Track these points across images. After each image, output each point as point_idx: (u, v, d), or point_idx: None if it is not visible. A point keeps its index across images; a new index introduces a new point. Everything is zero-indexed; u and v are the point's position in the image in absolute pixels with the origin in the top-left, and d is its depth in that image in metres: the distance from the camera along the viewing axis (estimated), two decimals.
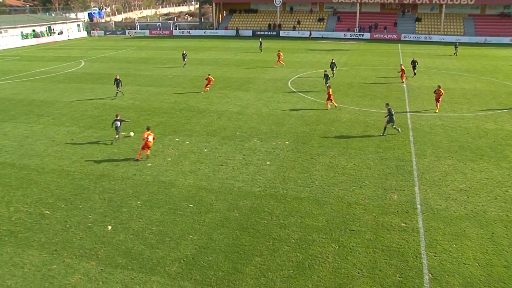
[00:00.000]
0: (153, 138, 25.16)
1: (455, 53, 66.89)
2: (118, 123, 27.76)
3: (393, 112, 28.98)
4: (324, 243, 17.00)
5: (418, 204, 20.14)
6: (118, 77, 40.09)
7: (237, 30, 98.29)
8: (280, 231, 17.81)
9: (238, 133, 29.68)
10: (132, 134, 28.89)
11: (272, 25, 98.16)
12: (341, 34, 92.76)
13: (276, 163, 24.61)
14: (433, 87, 43.17)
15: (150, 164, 24.56)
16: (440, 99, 34.43)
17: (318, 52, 70.39)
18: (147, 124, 30.03)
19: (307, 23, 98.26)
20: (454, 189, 21.71)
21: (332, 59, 50.37)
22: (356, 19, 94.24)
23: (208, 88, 41.77)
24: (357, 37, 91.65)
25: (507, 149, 27.14)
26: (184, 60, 56.44)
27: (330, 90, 35.28)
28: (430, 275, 15.23)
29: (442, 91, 34.41)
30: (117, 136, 28.14)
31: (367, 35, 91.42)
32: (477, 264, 15.90)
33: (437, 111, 34.66)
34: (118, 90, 40.04)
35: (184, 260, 15.95)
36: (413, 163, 24.70)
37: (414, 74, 48.63)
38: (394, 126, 29.36)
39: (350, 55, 67.01)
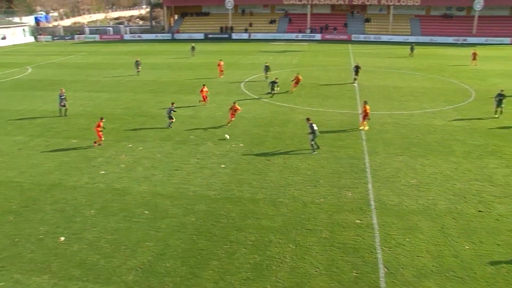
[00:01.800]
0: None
1: (411, 54, 67.89)
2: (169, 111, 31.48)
3: (315, 128, 26.28)
4: (281, 244, 17.12)
5: (371, 200, 20.57)
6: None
7: (172, 34, 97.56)
8: (237, 233, 17.83)
9: (192, 137, 29.51)
10: (227, 136, 29.05)
11: (224, 27, 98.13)
12: (292, 36, 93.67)
13: (231, 166, 24.62)
14: (384, 86, 44.33)
15: (103, 172, 24.10)
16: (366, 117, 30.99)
17: (270, 53, 70.83)
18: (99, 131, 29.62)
19: (259, 25, 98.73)
20: (406, 184, 22.31)
21: (266, 62, 50.16)
22: (307, 21, 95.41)
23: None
24: (309, 38, 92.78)
25: (454, 144, 28.10)
26: (138, 68, 53.94)
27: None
28: (386, 269, 15.59)
29: (367, 108, 30.37)
30: (172, 121, 31.60)
31: (318, 36, 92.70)
32: (429, 256, 16.40)
33: (361, 128, 31.19)
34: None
35: (141, 268, 15.73)
36: (366, 161, 25.21)
37: (355, 79, 46.71)
38: (313, 142, 26.65)
39: (301, 56, 67.78)
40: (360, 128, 30.64)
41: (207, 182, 22.57)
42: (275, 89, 40.56)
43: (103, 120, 28.30)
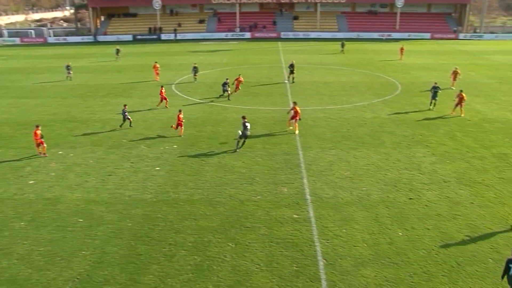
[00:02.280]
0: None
1: (342, 50, 69.00)
2: None
3: (248, 127, 26.42)
4: (220, 243, 17.10)
5: (307, 195, 20.95)
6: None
7: (94, 35, 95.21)
8: (176, 236, 17.64)
9: (124, 141, 28.87)
10: (240, 132, 26.58)
11: (152, 28, 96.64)
12: (222, 35, 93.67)
13: (165, 168, 24.30)
14: (315, 82, 45.18)
15: (32, 182, 23.07)
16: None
17: (201, 53, 70.52)
18: (27, 139, 28.36)
19: (188, 25, 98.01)
20: (339, 177, 22.89)
21: (195, 63, 49.35)
22: (236, 19, 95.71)
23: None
24: (238, 37, 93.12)
25: (384, 135, 29.15)
26: (69, 73, 50.78)
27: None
28: (324, 261, 15.93)
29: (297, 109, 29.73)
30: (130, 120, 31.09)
31: (247, 35, 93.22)
32: (365, 245, 16.92)
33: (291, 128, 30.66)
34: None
35: (78, 279, 15.21)
36: (300, 156, 25.65)
37: (292, 78, 46.27)
38: (238, 139, 26.62)
39: (232, 55, 67.94)
40: (290, 128, 30.21)
41: (142, 185, 22.17)
42: (228, 89, 39.27)
43: (39, 127, 26.58)
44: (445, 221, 18.74)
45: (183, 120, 29.72)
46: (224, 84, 39.21)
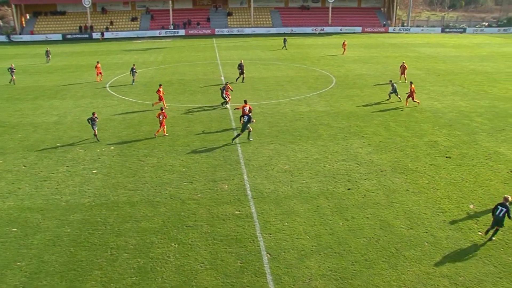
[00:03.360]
0: None
1: (284, 46, 68.91)
2: None
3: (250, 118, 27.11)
4: (163, 244, 16.87)
5: (248, 190, 21.04)
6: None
7: (8, 36, 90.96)
8: (117, 239, 17.24)
9: (58, 144, 27.86)
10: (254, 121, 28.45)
11: (83, 27, 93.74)
12: (156, 33, 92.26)
13: (103, 170, 23.67)
14: (251, 77, 45.36)
15: None
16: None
17: (135, 52, 69.13)
18: None
19: (120, 23, 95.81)
20: (279, 171, 23.13)
21: (133, 65, 48.28)
22: (170, 17, 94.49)
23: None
24: (172, 35, 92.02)
25: (320, 128, 29.71)
26: (12, 76, 46.95)
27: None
28: (269, 255, 16.06)
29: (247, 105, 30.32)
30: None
31: (182, 32, 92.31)
32: (308, 237, 17.20)
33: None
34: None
35: None
36: (239, 152, 25.70)
37: (243, 79, 44.51)
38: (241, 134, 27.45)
39: (167, 53, 67.04)
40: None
41: (80, 189, 21.49)
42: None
43: None
44: (383, 209, 19.37)
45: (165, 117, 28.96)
46: (224, 88, 35.48)
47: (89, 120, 27.92)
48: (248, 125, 27.32)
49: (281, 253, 16.26)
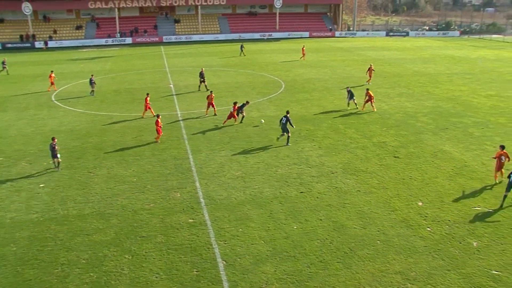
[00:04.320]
0: None
1: (242, 53, 68.45)
2: None
3: (283, 121, 27.57)
4: (116, 256, 16.51)
5: (201, 198, 20.90)
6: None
7: None
8: (68, 254, 16.72)
9: (1, 159, 26.81)
10: (263, 121, 29.83)
11: (24, 36, 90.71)
12: (102, 41, 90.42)
13: (51, 184, 22.93)
14: (198, 84, 45.08)
15: None
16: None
17: (81, 61, 67.55)
18: None
19: (65, 31, 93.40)
20: (231, 177, 23.09)
21: (92, 75, 47.77)
22: (116, 25, 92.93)
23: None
24: (119, 43, 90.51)
25: (271, 133, 29.89)
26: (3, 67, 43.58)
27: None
28: (224, 262, 15.99)
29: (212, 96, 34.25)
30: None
31: (129, 40, 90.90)
32: (262, 242, 17.23)
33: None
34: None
35: None
36: (190, 160, 25.51)
37: (205, 87, 43.28)
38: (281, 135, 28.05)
39: (114, 62, 65.85)
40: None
41: (26, 205, 20.71)
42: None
43: None
44: (336, 210, 19.66)
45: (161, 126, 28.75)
46: (242, 105, 32.90)
47: (50, 148, 24.50)
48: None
49: (237, 259, 16.21)
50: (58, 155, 24.45)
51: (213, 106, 34.68)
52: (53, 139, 24.69)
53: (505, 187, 19.92)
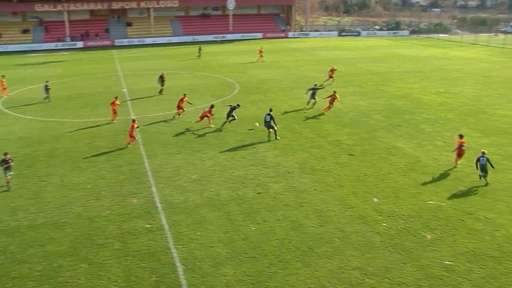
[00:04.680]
0: None
1: (199, 55, 67.83)
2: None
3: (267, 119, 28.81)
4: (72, 266, 16.08)
5: (158, 202, 20.65)
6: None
7: None
8: (20, 267, 16.14)
9: None
10: (257, 124, 29.98)
11: None
12: (51, 45, 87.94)
13: None
14: (153, 88, 44.66)
15: None
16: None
17: (30, 66, 65.52)
18: None
19: (10, 35, 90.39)
20: (188, 181, 22.93)
21: (47, 81, 46.26)
22: (66, 28, 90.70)
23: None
24: (70, 47, 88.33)
25: (227, 135, 29.86)
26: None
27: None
28: (183, 267, 15.85)
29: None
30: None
31: (80, 44, 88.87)
32: (221, 244, 17.17)
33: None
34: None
35: None
36: (146, 165, 25.17)
37: (161, 90, 43.45)
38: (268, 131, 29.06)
39: (64, 66, 64.17)
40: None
41: None
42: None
43: None
44: (293, 210, 19.80)
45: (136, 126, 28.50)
46: (232, 109, 31.98)
47: (1, 164, 22.42)
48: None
49: (196, 263, 16.09)
50: (11, 173, 22.67)
51: (181, 108, 34.54)
52: (5, 154, 22.71)
53: (479, 169, 22.18)
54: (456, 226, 18.42)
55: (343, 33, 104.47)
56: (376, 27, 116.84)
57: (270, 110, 29.37)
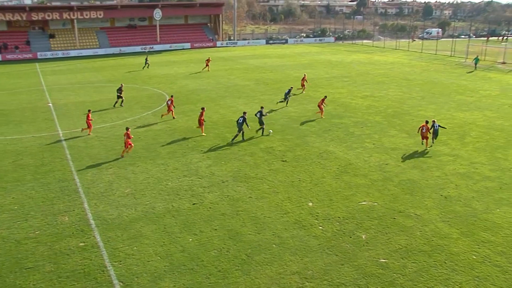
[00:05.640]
0: None
1: (147, 66, 66.34)
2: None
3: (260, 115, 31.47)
4: None
5: (91, 219, 19.97)
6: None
7: None
8: None
9: None
10: (271, 131, 31.42)
11: None
12: None
13: None
14: (81, 102, 43.36)
15: None
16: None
17: None
18: None
19: None
20: (121, 195, 22.35)
21: None
22: None
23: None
24: None
25: (158, 147, 29.42)
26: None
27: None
28: (121, 284, 15.40)
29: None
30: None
31: None
32: (159, 258, 16.86)
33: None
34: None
35: None
36: (76, 181, 24.30)
37: (121, 102, 42.38)
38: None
39: None
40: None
41: None
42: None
43: None
44: (230, 218, 19.77)
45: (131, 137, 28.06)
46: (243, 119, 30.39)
47: None
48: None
49: (134, 278, 15.69)
50: None
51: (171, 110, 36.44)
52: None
53: (433, 134, 28.25)
54: (389, 225, 19.10)
55: (271, 41, 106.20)
56: (303, 34, 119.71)
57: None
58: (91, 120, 32.48)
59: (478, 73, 60.38)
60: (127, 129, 28.19)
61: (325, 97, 37.38)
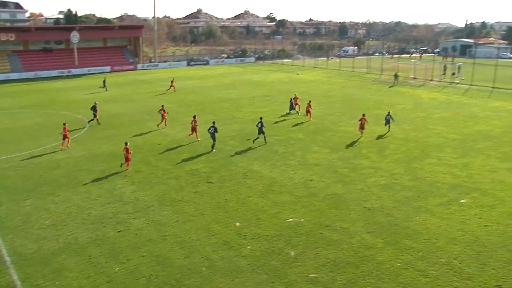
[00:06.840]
0: None
1: (104, 87, 65.24)
2: None
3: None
4: None
5: (6, 256, 18.74)
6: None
7: None
8: None
9: None
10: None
11: None
12: None
13: None
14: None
15: None
16: None
17: None
18: None
19: None
20: (41, 227, 21.24)
21: None
22: None
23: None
24: None
25: (80, 174, 28.35)
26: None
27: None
28: None
29: None
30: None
31: None
32: None
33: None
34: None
35: None
36: None
37: (97, 120, 43.16)
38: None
39: None
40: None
41: None
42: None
43: None
44: (157, 244, 19.32)
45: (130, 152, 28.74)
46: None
47: None
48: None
49: None
50: None
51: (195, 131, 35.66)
52: None
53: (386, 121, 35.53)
54: (316, 240, 19.42)
55: (192, 63, 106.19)
56: (224, 55, 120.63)
57: (261, 118, 34.47)
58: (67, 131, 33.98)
59: (393, 88, 63.49)
60: (126, 144, 28.62)
61: (310, 101, 42.97)
